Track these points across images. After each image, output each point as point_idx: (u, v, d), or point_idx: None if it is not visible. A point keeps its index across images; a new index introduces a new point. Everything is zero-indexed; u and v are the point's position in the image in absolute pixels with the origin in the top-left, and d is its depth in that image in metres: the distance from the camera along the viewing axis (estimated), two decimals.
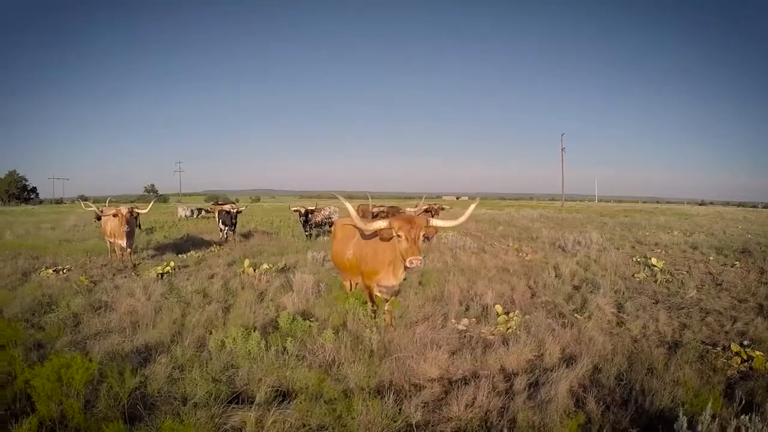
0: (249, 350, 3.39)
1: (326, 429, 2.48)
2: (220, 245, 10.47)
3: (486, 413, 2.59)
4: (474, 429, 2.47)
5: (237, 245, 10.41)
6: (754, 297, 5.42)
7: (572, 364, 3.14)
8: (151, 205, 10.05)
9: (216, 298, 5.21)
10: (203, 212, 22.07)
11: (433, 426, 2.51)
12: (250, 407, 2.64)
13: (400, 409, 2.64)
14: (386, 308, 4.15)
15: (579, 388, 2.89)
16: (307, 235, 11.53)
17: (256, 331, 3.58)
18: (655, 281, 6.25)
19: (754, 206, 46.98)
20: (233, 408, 2.64)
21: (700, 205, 56.31)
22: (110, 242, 8.65)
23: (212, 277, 6.50)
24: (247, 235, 12.34)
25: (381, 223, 3.63)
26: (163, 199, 62.57)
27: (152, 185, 68.48)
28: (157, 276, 6.44)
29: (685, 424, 2.03)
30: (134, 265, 7.83)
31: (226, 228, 11.29)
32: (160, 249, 9.88)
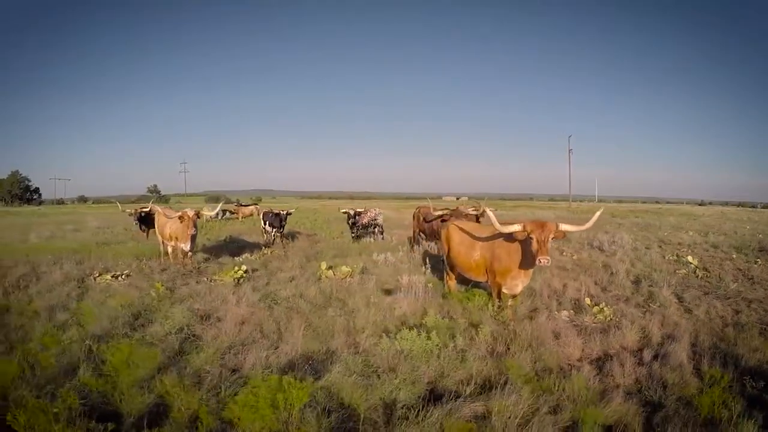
0: (425, 348, 3.61)
1: (543, 405, 2.86)
2: (268, 247, 10.55)
3: (637, 378, 3.46)
4: (640, 390, 3.25)
5: (289, 247, 10.55)
6: None
7: (674, 341, 4.09)
8: (219, 207, 10.46)
9: (319, 302, 5.29)
10: (227, 213, 22.77)
11: (612, 391, 3.16)
12: (467, 399, 2.92)
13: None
14: (509, 303, 4.76)
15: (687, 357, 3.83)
16: (353, 237, 11.87)
17: (434, 332, 3.85)
18: (696, 276, 7.26)
19: (753, 206, 48.58)
20: (461, 402, 2.88)
21: (700, 205, 57.88)
22: (166, 244, 8.42)
23: (291, 280, 6.54)
24: (290, 237, 12.56)
25: (516, 227, 4.43)
26: (165, 199, 62.92)
27: (155, 185, 68.75)
28: (234, 281, 6.27)
29: None
30: (196, 269, 7.60)
31: (274, 230, 11.52)
32: (209, 252, 9.76)
